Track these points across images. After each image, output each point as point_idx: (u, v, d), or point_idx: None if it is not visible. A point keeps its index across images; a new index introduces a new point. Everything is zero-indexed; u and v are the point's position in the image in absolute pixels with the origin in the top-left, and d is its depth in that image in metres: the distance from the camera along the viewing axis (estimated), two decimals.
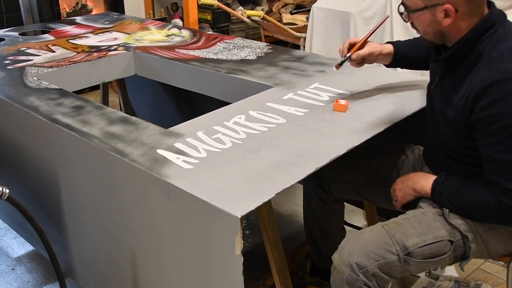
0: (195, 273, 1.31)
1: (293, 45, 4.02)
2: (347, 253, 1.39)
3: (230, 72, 2.01)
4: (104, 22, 2.87)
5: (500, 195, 1.30)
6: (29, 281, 2.21)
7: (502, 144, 1.28)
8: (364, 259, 1.37)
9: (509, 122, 1.26)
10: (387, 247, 1.38)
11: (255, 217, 1.65)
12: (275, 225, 1.53)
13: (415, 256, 1.38)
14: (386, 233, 1.40)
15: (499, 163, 1.30)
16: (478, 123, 1.32)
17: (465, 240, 1.41)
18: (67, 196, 1.70)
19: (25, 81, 1.95)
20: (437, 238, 1.40)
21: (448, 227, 1.41)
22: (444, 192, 1.42)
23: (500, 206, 1.30)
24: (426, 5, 1.34)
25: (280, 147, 1.39)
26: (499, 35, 1.33)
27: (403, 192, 1.53)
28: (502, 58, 1.29)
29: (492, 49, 1.32)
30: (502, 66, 1.28)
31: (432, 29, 1.39)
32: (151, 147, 1.41)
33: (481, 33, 1.34)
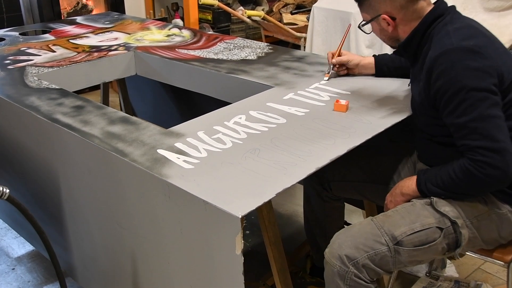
0: (196, 273, 1.31)
1: (294, 45, 4.03)
2: (337, 246, 1.41)
3: (230, 72, 2.01)
4: (105, 22, 2.87)
5: (471, 155, 1.34)
6: (29, 281, 2.21)
7: (458, 109, 1.35)
8: (354, 250, 1.39)
9: (458, 87, 1.34)
10: (376, 238, 1.41)
11: (255, 217, 1.65)
12: (276, 225, 1.53)
13: (404, 245, 1.40)
14: (374, 225, 1.44)
15: (462, 127, 1.36)
16: (435, 98, 1.41)
17: (455, 226, 1.44)
18: (68, 196, 1.70)
19: (26, 81, 1.95)
20: (425, 226, 1.42)
21: (437, 214, 1.44)
22: (428, 179, 1.46)
23: (476, 165, 1.33)
24: (371, 17, 1.55)
25: (280, 147, 1.39)
26: (446, 20, 1.47)
27: (394, 203, 1.55)
28: (448, 35, 1.42)
29: (440, 31, 1.46)
30: (447, 41, 1.40)
31: (384, 36, 1.58)
32: (151, 147, 1.41)
33: (430, 22, 1.48)
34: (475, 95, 1.33)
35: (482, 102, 1.33)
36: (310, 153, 1.36)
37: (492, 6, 2.77)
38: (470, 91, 1.33)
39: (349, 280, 1.39)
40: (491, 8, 2.76)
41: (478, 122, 1.33)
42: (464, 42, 1.37)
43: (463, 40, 1.38)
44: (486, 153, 1.32)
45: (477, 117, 1.33)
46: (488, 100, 1.33)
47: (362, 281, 1.39)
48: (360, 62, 1.89)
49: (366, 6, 1.55)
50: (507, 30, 2.70)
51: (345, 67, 1.90)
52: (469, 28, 1.43)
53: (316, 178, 1.83)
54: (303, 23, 4.13)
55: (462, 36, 1.39)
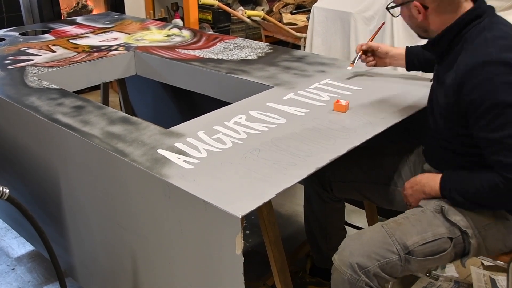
0: (196, 273, 1.31)
1: (294, 45, 4.02)
2: (348, 253, 1.40)
3: (230, 72, 2.01)
4: (105, 22, 2.87)
5: (504, 172, 1.31)
6: (29, 281, 2.21)
7: (493, 124, 1.31)
8: (365, 259, 1.37)
9: (494, 102, 1.29)
10: (388, 247, 1.39)
11: (255, 217, 1.65)
12: (276, 225, 1.53)
13: (415, 255, 1.39)
14: (386, 233, 1.41)
15: (495, 142, 1.32)
16: (467, 109, 1.36)
17: (464, 236, 1.42)
18: (68, 196, 1.70)
19: (26, 81, 1.95)
20: (437, 236, 1.41)
21: (447, 224, 1.42)
22: (453, 187, 1.43)
23: (507, 183, 1.30)
24: (403, 1, 1.47)
25: (280, 147, 1.39)
26: (484, 24, 1.39)
27: (414, 198, 1.53)
28: (485, 43, 1.35)
29: (476, 36, 1.38)
30: (484, 50, 1.33)
31: (412, 23, 1.50)
32: (151, 147, 1.41)
33: (466, 22, 1.41)
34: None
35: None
36: (310, 153, 1.36)
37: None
38: (507, 107, 1.28)
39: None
40: None
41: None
42: (504, 54, 1.31)
43: (502, 52, 1.31)
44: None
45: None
46: None
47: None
48: (390, 51, 1.81)
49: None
50: None
51: (373, 57, 1.83)
52: (508, 37, 1.36)
53: (317, 179, 1.83)
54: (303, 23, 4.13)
55: (502, 47, 1.33)
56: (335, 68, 2.05)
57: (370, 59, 1.84)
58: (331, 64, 2.10)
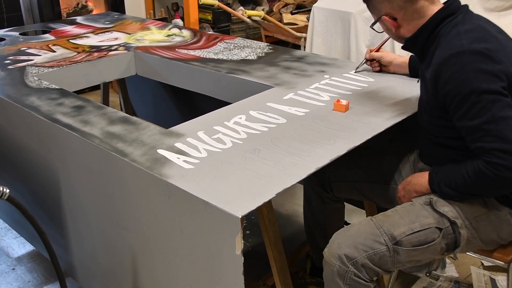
0: (196, 273, 1.32)
1: (294, 45, 4.03)
2: (336, 245, 1.42)
3: (230, 72, 2.01)
4: (105, 22, 2.87)
5: (487, 157, 1.32)
6: (29, 281, 2.21)
7: (470, 112, 1.33)
8: (353, 250, 1.40)
9: (469, 90, 1.32)
10: (375, 238, 1.41)
11: (255, 217, 1.65)
12: (276, 225, 1.53)
13: (403, 245, 1.41)
14: (374, 225, 1.44)
15: (475, 130, 1.34)
16: (444, 101, 1.39)
17: (453, 226, 1.44)
18: (68, 196, 1.70)
19: (26, 81, 1.95)
20: (425, 226, 1.43)
21: (436, 214, 1.44)
22: (441, 180, 1.45)
23: (492, 168, 1.32)
24: (377, 18, 1.55)
25: (280, 147, 1.39)
26: (458, 20, 1.44)
27: (407, 198, 1.55)
28: (458, 36, 1.39)
29: (450, 31, 1.43)
30: (457, 43, 1.37)
31: (391, 35, 1.57)
32: (151, 147, 1.41)
33: (440, 20, 1.46)
34: (487, 98, 1.31)
35: (494, 104, 1.31)
36: (310, 153, 1.36)
37: (492, 6, 2.77)
38: (481, 94, 1.31)
39: (349, 280, 1.39)
40: (491, 8, 2.76)
41: (492, 124, 1.31)
42: (475, 44, 1.35)
43: (473, 43, 1.35)
44: (502, 155, 1.30)
45: (490, 119, 1.31)
46: (500, 102, 1.31)
47: (362, 280, 1.40)
48: (394, 60, 1.91)
49: (370, 7, 1.55)
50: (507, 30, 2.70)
51: (378, 63, 1.94)
52: (481, 30, 1.40)
53: (317, 179, 1.83)
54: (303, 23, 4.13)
55: (473, 38, 1.36)
56: (335, 68, 2.05)
57: (375, 65, 1.95)
58: (331, 64, 2.10)
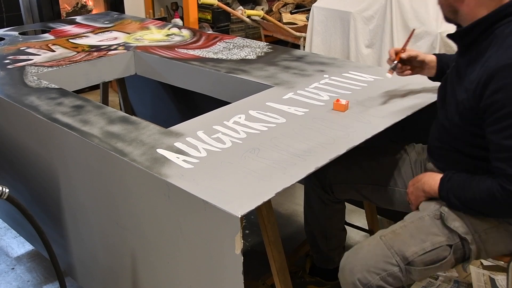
0: (195, 273, 1.31)
1: (293, 45, 4.03)
2: (349, 272, 1.39)
3: (230, 72, 2.01)
4: (104, 22, 2.87)
5: (504, 183, 1.27)
6: (29, 281, 2.21)
7: (507, 131, 1.26)
8: (366, 274, 1.37)
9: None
10: (387, 259, 1.38)
11: (255, 217, 1.65)
12: (275, 224, 1.53)
13: (416, 265, 1.38)
14: (384, 245, 1.40)
15: (505, 150, 1.27)
16: (487, 109, 1.29)
17: (463, 242, 1.41)
18: (67, 195, 1.70)
19: (25, 80, 1.95)
20: (436, 245, 1.39)
21: (446, 231, 1.41)
22: (450, 189, 1.41)
23: (505, 194, 1.27)
24: None
25: (280, 147, 1.39)
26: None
27: (415, 195, 1.52)
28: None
29: (510, 34, 1.30)
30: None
31: (445, 1, 1.41)
32: (151, 146, 1.41)
33: (501, 17, 1.32)
34: None
35: None
36: (309, 152, 1.36)
37: None
38: None
39: None
40: None
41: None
42: None
43: None
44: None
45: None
46: None
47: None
48: (425, 59, 1.65)
49: None
50: None
51: (409, 67, 1.66)
52: None
53: (317, 181, 1.82)
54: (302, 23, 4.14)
55: None
56: (334, 67, 2.05)
57: (407, 68, 1.67)
58: (330, 63, 2.10)
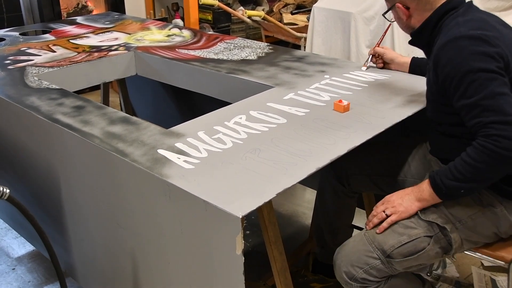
0: (196, 273, 1.31)
1: (294, 45, 4.03)
2: (337, 266, 1.52)
3: (230, 72, 2.01)
4: (105, 22, 2.87)
5: (487, 131, 1.32)
6: (29, 281, 2.21)
7: (468, 90, 1.35)
8: (350, 268, 1.48)
9: (466, 70, 1.35)
10: (369, 254, 1.47)
11: (255, 217, 1.65)
12: (276, 225, 1.52)
13: (394, 257, 1.46)
14: (366, 241, 1.49)
15: (473, 106, 1.35)
16: (444, 84, 1.41)
17: (444, 231, 1.45)
18: (68, 196, 1.70)
19: (26, 81, 1.95)
20: (412, 237, 1.45)
21: (424, 223, 1.46)
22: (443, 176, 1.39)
23: (492, 140, 1.30)
24: (390, 6, 1.61)
25: (280, 147, 1.39)
26: (458, 13, 1.49)
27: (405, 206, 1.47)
28: (457, 25, 1.44)
29: (450, 22, 1.48)
30: (455, 30, 1.42)
31: (401, 24, 1.63)
32: (151, 147, 1.41)
33: (443, 14, 1.51)
34: (484, 75, 1.33)
35: (491, 81, 1.33)
36: (310, 153, 1.36)
37: (492, 6, 2.77)
38: (478, 72, 1.33)
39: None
40: (491, 8, 2.76)
41: (490, 100, 1.32)
42: (472, 31, 1.38)
43: (470, 30, 1.39)
44: (501, 126, 1.30)
45: (487, 95, 1.32)
46: (497, 80, 1.33)
47: None
48: (395, 58, 1.95)
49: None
50: None
51: (381, 60, 1.98)
52: (480, 20, 1.44)
53: (333, 172, 1.85)
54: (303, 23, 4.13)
55: (471, 26, 1.40)
56: (335, 68, 2.05)
57: (379, 61, 2.00)
58: (331, 64, 2.10)
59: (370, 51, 2.01)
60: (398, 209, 1.47)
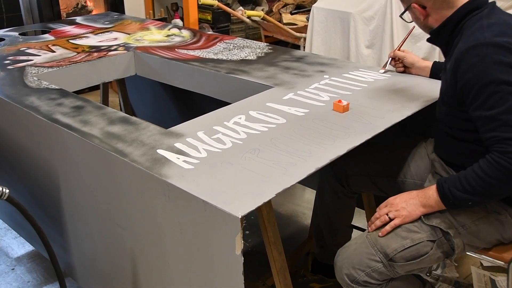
0: (196, 273, 1.31)
1: (293, 45, 4.03)
2: (339, 268, 1.49)
3: (230, 72, 2.01)
4: (104, 22, 2.87)
5: (502, 147, 1.29)
6: (29, 281, 2.21)
7: (488, 101, 1.32)
8: (352, 271, 1.46)
9: (488, 80, 1.32)
10: (371, 257, 1.45)
11: (255, 217, 1.65)
12: (275, 225, 1.53)
13: (397, 261, 1.44)
14: (369, 243, 1.47)
15: (491, 119, 1.32)
16: (463, 90, 1.38)
17: (447, 236, 1.44)
18: (67, 196, 1.70)
19: (25, 81, 1.95)
20: (416, 241, 1.43)
21: (427, 227, 1.44)
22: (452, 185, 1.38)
23: (507, 157, 1.28)
24: (407, 6, 1.57)
25: (280, 147, 1.39)
26: (483, 14, 1.44)
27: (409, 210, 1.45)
28: (481, 29, 1.39)
29: (473, 24, 1.43)
30: (479, 35, 1.38)
31: (419, 24, 1.60)
32: (151, 147, 1.41)
33: (465, 14, 1.46)
34: (506, 89, 1.30)
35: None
36: (309, 153, 1.36)
37: None
38: (500, 84, 1.30)
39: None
40: None
41: (509, 115, 1.29)
42: (497, 38, 1.34)
43: (495, 36, 1.35)
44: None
45: (508, 109, 1.29)
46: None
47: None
48: (416, 62, 1.90)
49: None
50: None
51: (402, 64, 1.93)
52: (505, 24, 1.40)
53: (333, 172, 1.84)
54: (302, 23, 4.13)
55: (496, 32, 1.36)
56: (334, 68, 2.05)
57: (400, 65, 1.94)
58: (330, 64, 2.10)
59: (390, 54, 1.96)
60: (402, 213, 1.45)
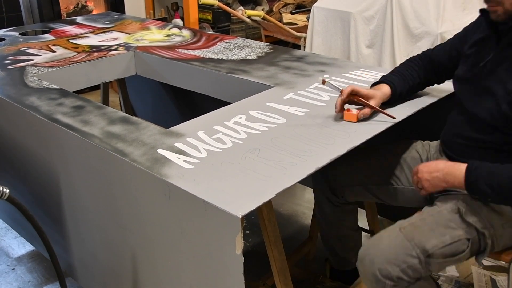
0: (196, 273, 1.31)
1: (294, 45, 4.03)
2: (369, 262, 1.40)
3: (230, 72, 2.01)
4: (105, 22, 2.87)
5: None
6: (29, 281, 2.21)
7: None
8: (387, 265, 1.37)
9: None
10: (407, 251, 1.38)
11: (255, 217, 1.65)
12: (276, 225, 1.52)
13: (435, 257, 1.38)
14: (404, 237, 1.40)
15: None
16: None
17: (481, 236, 1.42)
18: (68, 195, 1.70)
19: (26, 81, 1.95)
20: (455, 238, 1.40)
21: (464, 225, 1.42)
22: (480, 176, 1.37)
23: None
24: None
25: (280, 147, 1.39)
26: None
27: (432, 184, 1.47)
28: None
29: None
30: None
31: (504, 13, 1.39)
32: (151, 147, 1.41)
33: None
34: None
35: None
36: (310, 153, 1.36)
37: None
38: None
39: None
40: None
41: None
42: None
43: None
44: None
45: None
46: None
47: None
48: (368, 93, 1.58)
49: None
50: None
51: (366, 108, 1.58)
52: None
53: (326, 185, 1.79)
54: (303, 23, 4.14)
55: None
56: (335, 68, 2.05)
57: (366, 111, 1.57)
58: (331, 63, 2.10)
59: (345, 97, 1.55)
60: (425, 185, 1.48)
